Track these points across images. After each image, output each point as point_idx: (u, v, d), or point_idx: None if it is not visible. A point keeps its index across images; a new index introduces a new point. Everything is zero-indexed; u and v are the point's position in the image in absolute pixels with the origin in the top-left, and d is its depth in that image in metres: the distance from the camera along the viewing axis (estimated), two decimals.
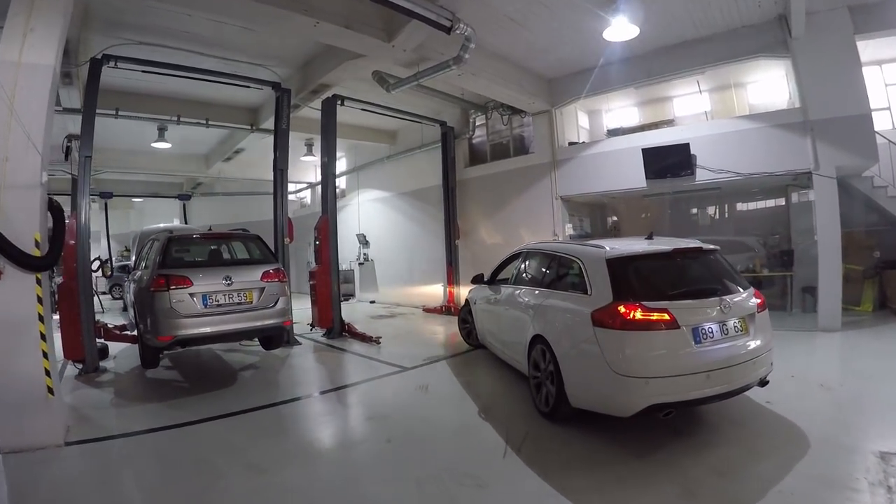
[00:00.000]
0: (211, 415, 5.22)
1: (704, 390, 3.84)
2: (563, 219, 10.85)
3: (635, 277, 4.26)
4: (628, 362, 3.86)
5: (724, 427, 4.36)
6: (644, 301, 3.97)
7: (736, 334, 4.09)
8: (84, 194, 7.55)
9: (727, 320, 4.07)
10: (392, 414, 5.14)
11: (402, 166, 14.31)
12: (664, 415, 3.91)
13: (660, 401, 3.79)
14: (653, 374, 3.80)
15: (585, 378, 4.25)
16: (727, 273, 4.59)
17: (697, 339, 3.92)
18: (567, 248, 5.19)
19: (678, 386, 3.80)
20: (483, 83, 9.14)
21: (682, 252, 4.62)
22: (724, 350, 3.96)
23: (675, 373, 3.81)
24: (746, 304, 4.31)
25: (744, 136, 8.68)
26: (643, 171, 9.45)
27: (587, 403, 4.28)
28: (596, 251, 4.55)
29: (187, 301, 5.97)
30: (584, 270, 4.55)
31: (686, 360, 3.84)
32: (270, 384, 6.42)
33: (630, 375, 3.83)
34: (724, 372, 3.89)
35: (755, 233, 10.88)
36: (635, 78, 9.66)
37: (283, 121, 9.13)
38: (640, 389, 3.80)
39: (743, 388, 4.10)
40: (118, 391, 6.36)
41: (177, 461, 4.23)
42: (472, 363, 7.05)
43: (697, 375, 3.82)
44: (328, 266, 9.34)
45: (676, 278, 4.49)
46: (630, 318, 3.90)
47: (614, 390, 3.93)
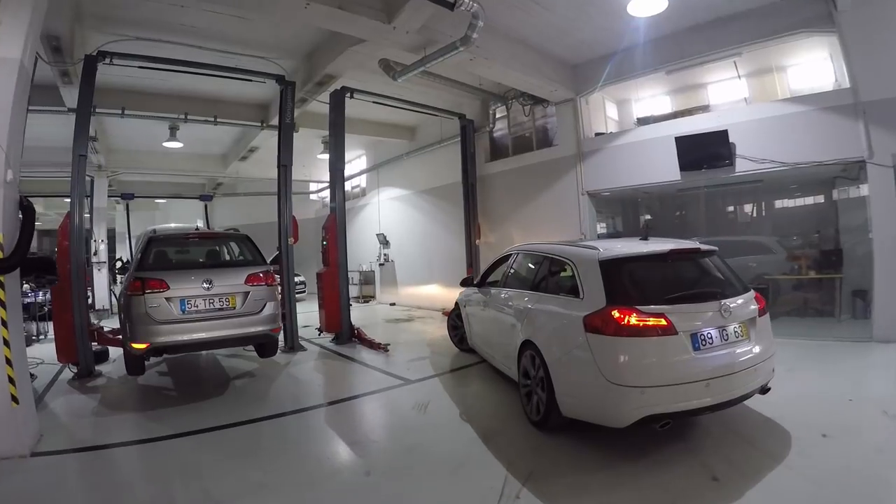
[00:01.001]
0: (188, 429, 4.93)
1: (704, 399, 3.71)
2: (591, 216, 10.25)
3: (630, 280, 4.13)
4: (623, 370, 3.72)
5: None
6: (639, 305, 3.83)
7: (736, 340, 3.95)
8: (78, 194, 7.36)
9: (727, 325, 3.93)
10: (380, 438, 4.72)
11: (422, 163, 14.00)
12: (661, 426, 3.75)
13: (656, 411, 3.64)
14: (649, 382, 3.66)
15: (577, 387, 4.09)
16: (726, 275, 4.47)
17: (696, 345, 3.78)
18: (558, 249, 5.04)
19: (676, 395, 3.67)
20: (499, 69, 8.65)
21: (679, 253, 4.47)
22: (725, 357, 3.82)
23: (672, 381, 3.68)
24: (747, 309, 4.16)
25: (788, 122, 7.93)
26: (677, 162, 8.77)
27: (579, 413, 4.12)
28: (588, 252, 4.40)
29: (164, 306, 5.69)
30: (576, 273, 4.41)
31: (684, 368, 3.70)
32: (261, 396, 6.09)
33: (625, 384, 3.68)
34: (724, 380, 3.75)
35: (798, 231, 10.17)
36: (666, 60, 8.97)
37: (288, 115, 8.90)
38: (635, 399, 3.65)
39: (744, 397, 3.95)
40: (105, 398, 6.20)
41: (132, 482, 3.97)
42: (478, 377, 6.54)
43: (696, 384, 3.69)
44: (336, 267, 9.02)
45: (673, 281, 4.36)
46: (625, 323, 3.75)
47: (608, 400, 3.78)
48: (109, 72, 9.26)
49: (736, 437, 4.15)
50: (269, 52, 8.87)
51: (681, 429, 4.25)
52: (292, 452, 4.35)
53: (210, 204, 18.33)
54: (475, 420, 4.94)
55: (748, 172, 8.29)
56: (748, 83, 9.69)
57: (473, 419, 4.96)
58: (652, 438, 4.08)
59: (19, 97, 4.76)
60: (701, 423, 4.42)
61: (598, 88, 9.98)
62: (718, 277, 4.45)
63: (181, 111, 10.85)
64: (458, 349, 7.93)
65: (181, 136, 12.73)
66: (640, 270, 4.31)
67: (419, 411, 5.30)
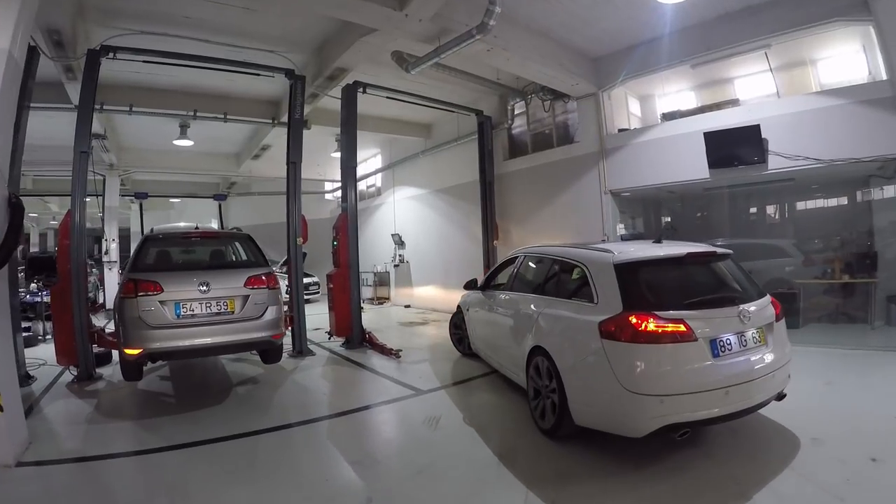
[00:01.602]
0: (182, 441, 4.67)
1: (724, 408, 3.63)
2: (614, 216, 9.81)
3: (646, 285, 4.05)
4: (641, 378, 3.62)
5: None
6: (657, 311, 3.74)
7: (755, 346, 3.88)
8: (80, 191, 7.18)
9: (746, 331, 3.86)
10: (385, 458, 4.29)
11: (438, 161, 13.71)
12: (680, 435, 3.63)
13: (676, 420, 3.55)
14: (668, 391, 3.57)
15: (592, 395, 3.98)
16: (743, 280, 4.41)
17: (716, 351, 3.70)
18: (570, 252, 4.96)
19: (696, 403, 3.58)
20: (517, 61, 8.27)
21: (695, 257, 4.37)
22: (744, 363, 3.75)
23: (692, 389, 3.58)
24: (765, 314, 4.10)
25: (822, 116, 7.45)
26: (705, 159, 8.30)
27: (593, 422, 4.01)
28: (602, 256, 4.31)
29: (157, 310, 5.41)
30: (589, 277, 4.31)
31: (704, 376, 3.61)
32: (262, 405, 5.79)
33: (643, 393, 3.58)
34: (744, 387, 3.67)
35: (828, 233, 9.69)
36: (692, 52, 8.49)
37: (297, 110, 8.63)
38: (653, 408, 3.55)
39: (761, 405, 3.87)
40: (101, 404, 6.00)
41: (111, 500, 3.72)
42: (491, 387, 6.14)
43: (716, 392, 3.60)
44: (347, 268, 8.73)
45: (691, 286, 4.31)
46: (642, 329, 3.65)
47: (625, 409, 3.68)
48: (116, 67, 9.16)
49: (775, 460, 3.75)
50: (277, 46, 8.66)
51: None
52: (289, 471, 4.01)
53: (224, 203, 18.13)
54: (490, 436, 4.57)
55: (781, 170, 7.80)
56: (777, 78, 9.20)
57: (488, 436, 4.58)
58: (667, 445, 3.86)
59: (7, 89, 4.55)
60: (741, 444, 4.05)
61: (621, 82, 9.54)
62: (735, 282, 4.37)
63: (190, 108, 10.70)
64: (459, 353, 7.80)
65: (192, 134, 12.63)
66: (656, 274, 4.24)
67: (430, 426, 4.93)
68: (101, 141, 12.23)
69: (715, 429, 4.25)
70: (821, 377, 5.70)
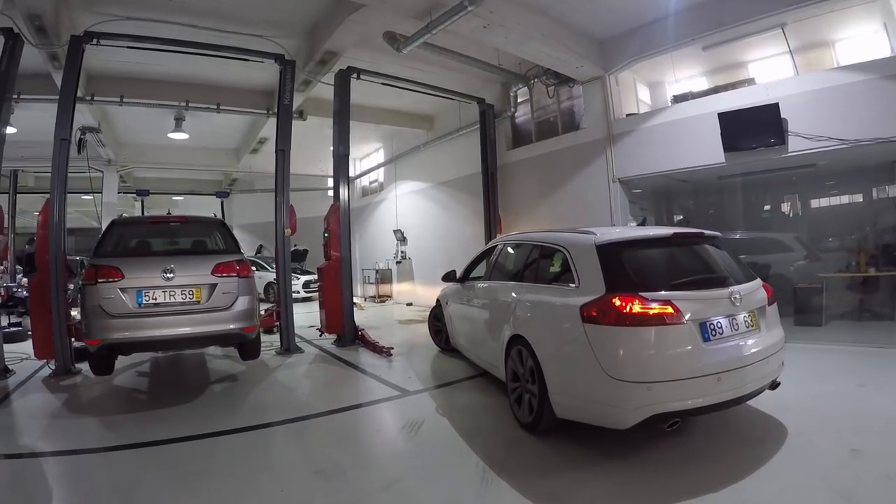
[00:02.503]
0: (141, 440, 4.36)
1: (716, 395, 3.42)
2: (623, 206, 9.36)
3: (631, 266, 3.82)
4: (626, 364, 3.40)
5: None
6: (642, 292, 3.52)
7: (747, 330, 3.70)
8: (60, 181, 6.96)
9: (737, 314, 3.69)
10: (353, 468, 3.77)
11: (440, 154, 13.40)
12: (669, 426, 3.43)
13: (665, 409, 3.33)
14: (656, 378, 3.34)
15: (573, 384, 3.76)
16: (732, 263, 4.25)
17: (706, 335, 3.50)
18: (550, 236, 4.76)
19: (686, 391, 3.36)
20: (516, 39, 7.86)
21: (682, 237, 4.24)
22: (736, 348, 3.55)
23: (682, 376, 3.36)
24: (756, 297, 3.96)
25: (846, 93, 6.99)
26: (720, 142, 7.86)
27: (575, 414, 3.80)
28: (584, 237, 4.13)
29: (117, 298, 5.09)
30: (570, 260, 4.11)
31: (694, 361, 3.40)
32: (235, 404, 5.44)
33: (629, 380, 3.35)
34: (737, 373, 3.46)
35: (853, 226, 9.39)
36: (703, 30, 8.01)
37: (287, 96, 8.35)
38: (641, 396, 3.32)
39: (755, 393, 3.68)
40: (71, 399, 5.75)
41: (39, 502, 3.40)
42: (484, 389, 5.68)
43: (707, 378, 3.38)
44: (339, 261, 8.39)
45: (678, 267, 4.17)
46: (627, 311, 3.43)
47: (609, 398, 3.45)
48: (105, 57, 9.06)
49: (809, 473, 3.30)
50: (267, 31, 8.44)
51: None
52: (243, 478, 3.61)
53: (227, 201, 18.04)
54: (476, 443, 4.11)
55: (802, 152, 7.33)
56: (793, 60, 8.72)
57: (475, 442, 4.12)
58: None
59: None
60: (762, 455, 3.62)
61: (629, 64, 9.13)
62: (724, 264, 4.19)
63: (182, 99, 10.54)
64: (439, 349, 7.62)
65: (189, 128, 12.48)
66: (641, 255, 4.05)
67: (410, 432, 4.47)
68: (96, 135, 12.11)
69: (727, 433, 3.87)
70: (852, 379, 5.27)
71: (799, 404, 4.44)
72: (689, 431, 4.05)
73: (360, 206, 18.06)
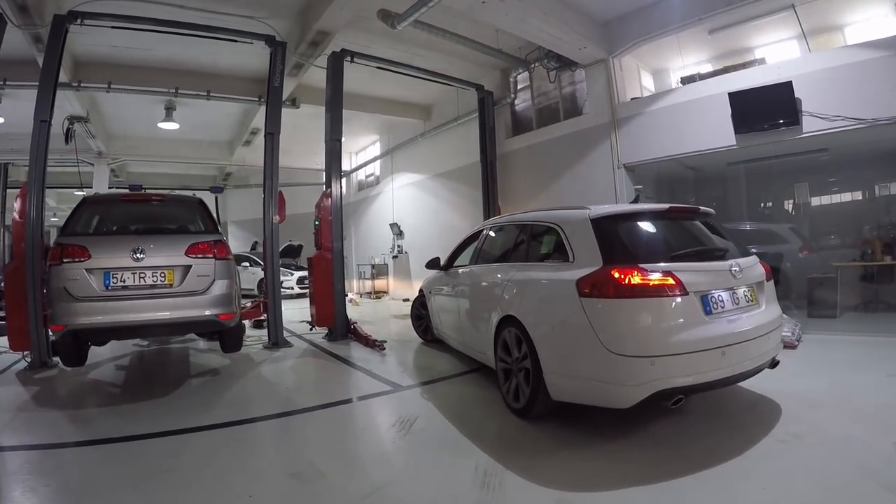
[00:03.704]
0: (106, 436, 4.02)
1: (720, 371, 3.33)
2: (629, 194, 9.01)
3: (628, 239, 3.78)
4: (628, 338, 3.26)
5: None
6: (641, 264, 3.41)
7: (747, 304, 3.65)
8: (38, 164, 6.66)
9: (737, 288, 3.63)
10: (333, 470, 3.35)
11: (438, 144, 13.12)
12: (673, 403, 3.29)
13: (668, 385, 3.18)
14: (659, 351, 3.20)
15: (571, 363, 3.59)
16: (728, 238, 4.27)
17: (708, 308, 3.40)
18: (539, 215, 4.67)
19: (690, 366, 3.23)
20: (515, 16, 7.53)
21: (678, 211, 4.15)
22: (738, 322, 3.47)
23: (685, 350, 3.22)
24: (755, 271, 3.92)
25: (862, 71, 6.72)
26: (730, 124, 7.56)
27: (573, 395, 3.63)
28: (577, 213, 4.02)
29: (83, 280, 4.73)
30: (563, 236, 3.98)
31: (697, 334, 3.28)
32: (213, 398, 5.07)
33: (631, 355, 3.20)
34: (740, 347, 3.37)
35: (864, 214, 9.25)
36: (709, 9, 7.72)
37: (277, 78, 8.05)
38: (643, 372, 3.18)
39: (757, 370, 3.60)
40: (42, 392, 5.41)
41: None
42: (483, 383, 5.30)
43: (712, 352, 3.28)
44: (330, 251, 8.04)
45: (676, 240, 4.10)
46: (626, 283, 3.31)
47: (610, 375, 3.30)
48: (92, 41, 8.85)
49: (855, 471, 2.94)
50: (258, 11, 8.16)
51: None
52: (211, 480, 3.24)
53: (222, 196, 17.69)
54: (475, 437, 3.76)
55: (816, 133, 7.03)
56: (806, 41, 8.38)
57: (472, 437, 3.76)
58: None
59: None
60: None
61: (634, 47, 8.83)
62: (721, 239, 4.22)
63: (172, 85, 10.23)
64: (422, 340, 7.47)
65: (180, 118, 12.25)
66: (637, 229, 3.99)
67: (402, 430, 4.05)
68: (84, 125, 11.79)
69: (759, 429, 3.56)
70: (880, 369, 4.95)
71: (830, 398, 4.19)
72: (714, 427, 3.76)
73: (356, 200, 17.78)
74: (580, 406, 3.64)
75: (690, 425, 3.76)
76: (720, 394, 4.28)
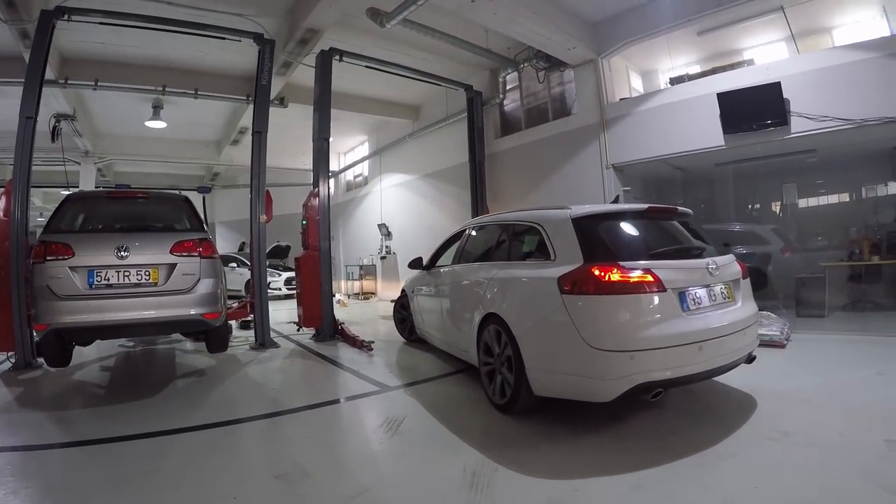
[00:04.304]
0: (91, 437, 3.98)
1: (697, 365, 3.46)
2: (618, 193, 9.02)
3: (608, 237, 3.91)
4: (608, 333, 3.38)
5: None
6: (621, 262, 3.54)
7: (723, 301, 3.81)
8: (24, 162, 6.61)
9: (714, 285, 3.78)
10: (319, 471, 3.33)
11: (426, 145, 13.15)
12: (653, 396, 3.45)
13: (648, 379, 3.31)
14: (639, 346, 3.33)
15: (553, 358, 3.70)
16: (704, 238, 4.37)
17: (685, 304, 3.55)
18: (521, 215, 4.81)
19: (669, 360, 3.37)
20: (505, 16, 7.57)
21: (657, 211, 4.29)
22: (715, 318, 3.63)
23: (664, 344, 3.36)
24: (731, 269, 4.09)
25: (850, 72, 6.83)
26: (719, 124, 7.64)
27: (555, 390, 3.74)
28: (558, 212, 4.13)
29: (67, 278, 4.68)
30: (545, 235, 4.10)
31: (675, 329, 3.41)
32: (198, 399, 5.03)
33: (611, 349, 3.34)
34: (716, 343, 3.53)
35: (851, 215, 9.37)
36: (699, 10, 7.79)
37: (265, 76, 8.01)
38: (623, 366, 3.30)
39: (733, 365, 3.74)
40: (24, 393, 5.34)
41: None
42: (475, 385, 5.26)
43: (689, 347, 3.41)
44: (317, 251, 8.01)
45: (655, 239, 4.18)
46: (606, 280, 3.44)
47: (591, 369, 3.41)
48: (80, 38, 8.78)
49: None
50: (246, 9, 8.14)
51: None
52: (194, 482, 3.22)
53: (209, 196, 17.59)
54: (464, 436, 3.77)
55: (805, 133, 7.11)
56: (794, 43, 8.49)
57: (463, 438, 3.75)
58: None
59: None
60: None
61: (623, 47, 8.89)
62: (698, 239, 4.33)
63: (159, 83, 10.14)
64: (405, 340, 7.57)
65: (168, 117, 12.19)
66: (617, 228, 4.10)
67: (389, 430, 4.03)
68: (71, 123, 11.66)
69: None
70: (869, 367, 5.02)
71: (821, 396, 4.24)
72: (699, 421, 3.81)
73: (344, 200, 17.74)
74: (562, 401, 3.71)
75: (677, 421, 3.81)
76: (713, 392, 4.37)
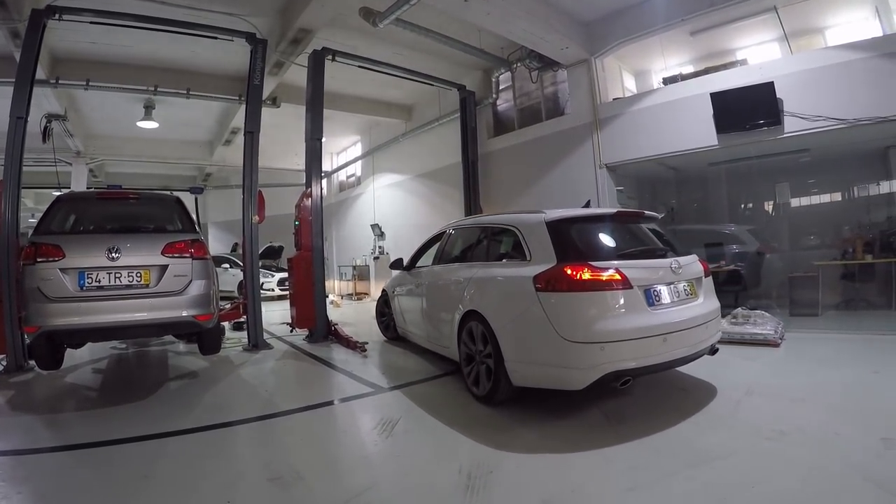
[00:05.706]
0: (82, 440, 3.95)
1: (662, 355, 3.79)
2: (611, 194, 9.10)
3: (579, 239, 4.21)
4: (580, 326, 3.68)
5: None
6: (591, 262, 3.87)
7: (686, 297, 4.14)
8: (14, 163, 6.56)
9: (677, 283, 4.11)
10: (312, 474, 3.31)
11: (419, 145, 13.16)
12: (622, 384, 3.73)
13: (616, 368, 3.62)
14: (608, 338, 3.64)
15: (530, 351, 4.01)
16: (671, 240, 4.69)
17: (650, 300, 3.88)
18: (499, 218, 5.16)
19: (636, 350, 3.70)
20: (498, 16, 7.59)
21: (625, 215, 4.76)
22: (678, 312, 3.96)
23: (631, 336, 3.69)
24: (694, 269, 4.40)
25: (843, 72, 6.90)
26: (712, 124, 7.68)
27: (532, 380, 4.05)
28: (534, 216, 4.46)
29: (57, 280, 4.64)
30: (521, 238, 4.43)
31: (641, 322, 3.75)
32: (191, 402, 5.00)
33: (583, 341, 3.64)
34: (680, 335, 3.85)
35: (844, 214, 9.40)
36: (692, 10, 7.84)
37: (257, 76, 7.98)
38: (594, 356, 3.62)
39: (697, 355, 4.08)
40: (16, 396, 5.31)
41: None
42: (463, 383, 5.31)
43: (654, 338, 3.75)
44: (310, 252, 7.99)
45: (623, 241, 4.50)
46: (578, 278, 3.76)
47: (565, 360, 3.72)
48: (72, 38, 8.75)
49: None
50: (238, 8, 8.13)
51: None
52: (185, 486, 3.20)
53: (202, 197, 17.52)
54: (461, 435, 3.77)
55: (799, 133, 7.16)
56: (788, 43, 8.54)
57: (459, 439, 3.75)
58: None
59: None
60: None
61: (616, 47, 8.93)
62: (664, 240, 4.64)
63: (151, 83, 10.11)
64: (385, 339, 7.76)
65: (160, 117, 12.16)
66: (588, 230, 4.40)
67: (384, 432, 4.01)
68: (62, 123, 11.60)
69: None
70: (863, 366, 5.05)
71: (816, 394, 4.26)
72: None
73: (336, 201, 17.73)
74: (539, 391, 4.03)
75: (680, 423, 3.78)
76: (710, 391, 4.41)
